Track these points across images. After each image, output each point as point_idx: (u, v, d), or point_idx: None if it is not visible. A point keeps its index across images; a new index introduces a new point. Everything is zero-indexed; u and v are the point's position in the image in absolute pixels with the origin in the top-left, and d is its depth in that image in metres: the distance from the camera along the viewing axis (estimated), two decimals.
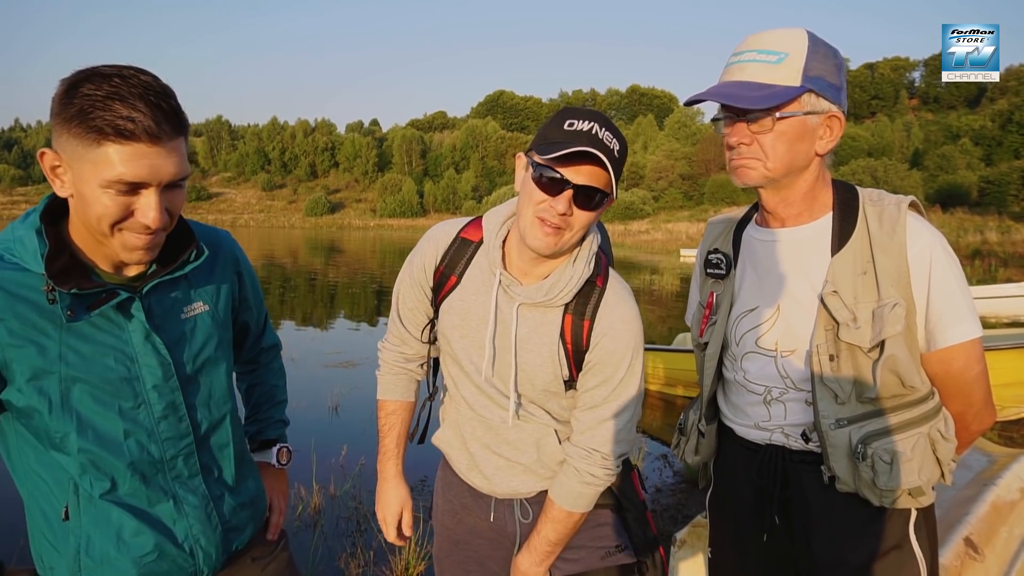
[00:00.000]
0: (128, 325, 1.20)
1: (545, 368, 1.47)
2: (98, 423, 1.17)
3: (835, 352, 1.33)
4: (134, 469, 1.22)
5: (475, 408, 1.57)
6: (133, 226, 1.10)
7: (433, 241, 1.58)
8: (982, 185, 51.32)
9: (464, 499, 1.66)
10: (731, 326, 1.50)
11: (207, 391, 1.33)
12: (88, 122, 1.01)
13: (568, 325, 1.45)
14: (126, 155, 1.03)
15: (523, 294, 1.45)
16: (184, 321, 1.29)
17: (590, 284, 1.46)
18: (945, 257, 1.31)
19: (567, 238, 1.38)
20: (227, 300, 1.41)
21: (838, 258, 1.34)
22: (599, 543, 1.58)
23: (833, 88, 1.32)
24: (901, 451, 1.30)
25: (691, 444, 1.63)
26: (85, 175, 1.05)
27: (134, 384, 1.20)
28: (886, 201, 1.36)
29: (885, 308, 1.28)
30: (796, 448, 1.43)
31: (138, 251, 1.13)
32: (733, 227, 1.58)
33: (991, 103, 70.80)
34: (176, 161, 1.09)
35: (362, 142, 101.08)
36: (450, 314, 1.54)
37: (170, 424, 1.25)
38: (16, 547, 4.02)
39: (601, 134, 1.30)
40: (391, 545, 3.64)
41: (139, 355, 1.21)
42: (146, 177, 1.05)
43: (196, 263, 1.28)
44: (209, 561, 1.33)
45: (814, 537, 1.41)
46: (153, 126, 1.03)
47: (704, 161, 67.10)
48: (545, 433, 1.54)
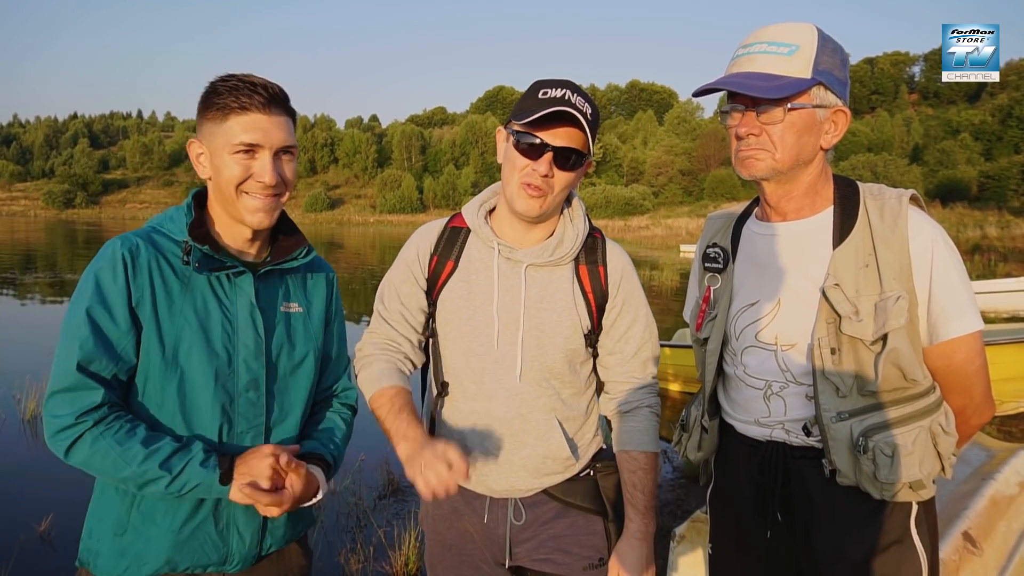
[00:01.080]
0: (238, 299, 1.40)
1: (563, 324, 1.52)
2: (196, 377, 1.34)
3: (837, 345, 1.33)
4: (211, 431, 1.35)
5: (476, 400, 1.53)
6: (252, 187, 1.35)
7: (423, 235, 1.62)
8: (982, 180, 51.30)
9: (456, 503, 1.62)
10: (731, 320, 1.50)
11: (284, 384, 1.46)
12: (219, 105, 1.32)
13: (585, 274, 1.54)
14: (245, 123, 1.32)
15: (528, 256, 1.51)
16: (281, 314, 1.47)
17: (591, 237, 1.58)
18: (947, 250, 1.31)
19: (551, 200, 1.47)
20: (320, 315, 1.56)
21: (840, 251, 1.34)
22: (586, 551, 1.57)
23: (839, 83, 1.34)
24: (902, 444, 1.30)
25: (693, 440, 1.63)
26: (217, 148, 1.34)
27: (230, 351, 1.38)
28: (887, 195, 1.36)
29: (888, 301, 1.28)
30: (797, 444, 1.43)
31: (259, 213, 1.37)
32: (733, 222, 1.58)
33: (991, 98, 70.66)
34: (285, 132, 1.36)
35: (361, 138, 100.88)
36: (452, 299, 1.55)
37: (249, 399, 1.40)
38: (37, 509, 4.06)
39: (573, 98, 1.40)
40: (391, 540, 3.65)
41: (240, 326, 1.39)
42: (260, 140, 1.33)
43: (306, 259, 1.50)
44: (241, 549, 1.40)
45: (815, 533, 1.41)
46: (265, 103, 1.33)
47: (704, 156, 67.03)
48: (550, 427, 1.53)
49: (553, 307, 1.51)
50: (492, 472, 1.55)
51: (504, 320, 1.51)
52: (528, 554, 1.58)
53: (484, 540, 1.60)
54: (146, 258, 1.32)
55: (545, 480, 1.56)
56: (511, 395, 1.51)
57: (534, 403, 1.52)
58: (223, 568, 1.40)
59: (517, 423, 1.52)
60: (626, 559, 1.52)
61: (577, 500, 1.57)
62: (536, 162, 1.43)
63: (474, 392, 1.54)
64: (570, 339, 1.52)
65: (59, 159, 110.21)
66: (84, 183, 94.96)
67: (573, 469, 1.58)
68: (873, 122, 68.35)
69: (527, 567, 1.59)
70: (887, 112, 74.24)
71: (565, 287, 1.53)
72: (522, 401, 1.52)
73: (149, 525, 1.33)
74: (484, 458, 1.55)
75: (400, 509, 4.30)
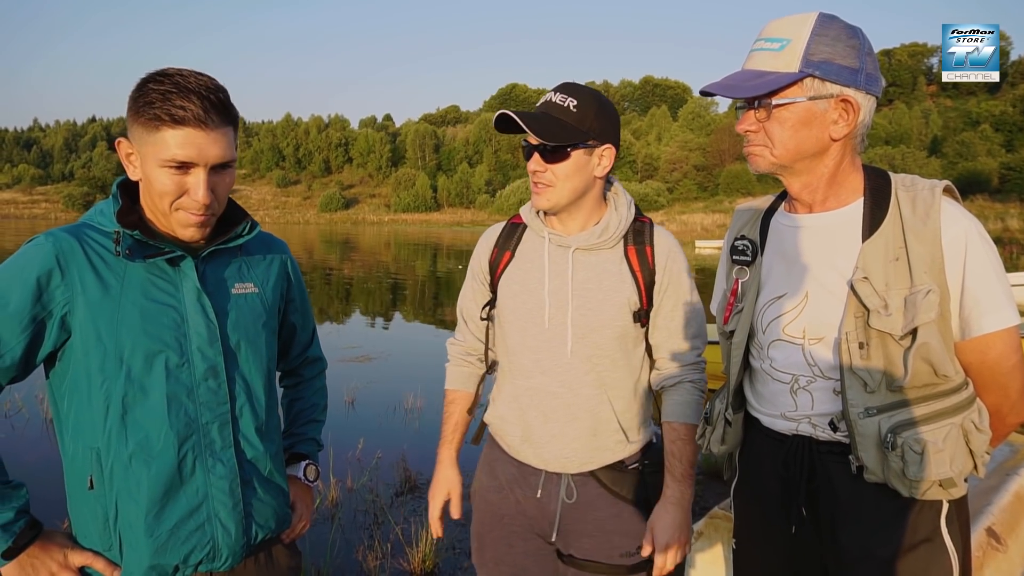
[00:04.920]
0: (183, 285, 1.33)
1: (610, 302, 1.62)
2: (144, 375, 1.28)
3: (865, 340, 1.30)
4: (170, 426, 1.29)
5: (532, 376, 1.67)
6: (187, 204, 1.27)
7: (486, 236, 1.83)
8: (1003, 172, 50.56)
9: (512, 474, 1.74)
10: (758, 314, 1.48)
11: (247, 367, 1.41)
12: (150, 111, 1.21)
13: (633, 254, 1.65)
14: (178, 138, 1.21)
15: (575, 241, 1.64)
16: (234, 296, 1.41)
17: (639, 222, 1.69)
18: (981, 243, 1.27)
19: (559, 191, 1.59)
20: (275, 292, 1.52)
21: (869, 244, 1.31)
22: (624, 540, 1.65)
23: (847, 71, 1.29)
24: (932, 441, 1.27)
25: (717, 433, 1.61)
26: (148, 157, 1.25)
27: (182, 341, 1.31)
28: (919, 186, 1.33)
29: (918, 295, 1.25)
30: (824, 439, 1.40)
31: (191, 228, 1.30)
32: (761, 214, 1.56)
33: (1012, 88, 69.58)
34: (222, 146, 1.26)
35: (375, 137, 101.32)
36: (509, 284, 1.72)
37: (209, 388, 1.34)
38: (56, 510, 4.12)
39: (553, 97, 1.58)
40: (409, 537, 3.67)
41: (189, 314, 1.32)
42: (194, 157, 1.23)
43: (249, 235, 1.43)
44: (228, 539, 1.35)
45: (841, 529, 1.38)
46: (202, 114, 1.21)
47: (718, 152, 66.60)
48: (600, 402, 1.64)
49: (600, 286, 1.63)
50: (547, 445, 1.66)
51: (554, 301, 1.64)
52: (572, 534, 1.67)
53: (535, 514, 1.71)
54: (78, 256, 1.25)
55: (596, 455, 1.66)
56: (564, 370, 1.64)
57: (584, 378, 1.64)
58: (212, 565, 1.35)
59: (569, 396, 1.64)
60: (659, 521, 1.61)
61: (623, 491, 1.67)
62: (529, 161, 1.61)
63: (530, 368, 1.67)
64: (617, 316, 1.62)
65: (78, 162, 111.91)
66: (103, 185, 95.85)
67: (625, 449, 1.67)
68: (891, 114, 67.56)
69: (569, 546, 1.69)
70: (905, 104, 73.38)
71: (612, 268, 1.64)
72: (574, 376, 1.64)
73: (129, 529, 1.28)
74: (541, 430, 1.66)
75: (417, 506, 4.32)
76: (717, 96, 1.38)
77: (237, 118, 1.31)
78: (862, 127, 1.35)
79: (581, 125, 1.55)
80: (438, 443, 1.87)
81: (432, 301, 15.38)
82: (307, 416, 1.72)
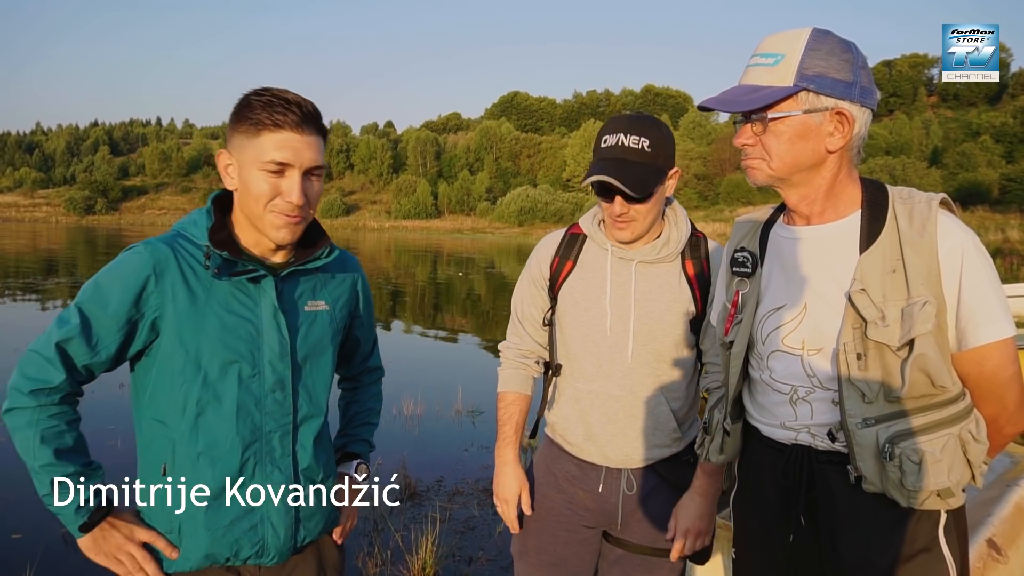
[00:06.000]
0: (261, 302, 1.43)
1: (671, 312, 1.73)
2: (219, 381, 1.38)
3: (863, 351, 1.32)
4: (236, 432, 1.39)
5: (595, 380, 1.77)
6: (280, 206, 1.37)
7: (545, 244, 1.90)
8: (1003, 183, 50.61)
9: (572, 471, 1.85)
10: (757, 325, 1.49)
11: (310, 381, 1.51)
12: (252, 118, 1.34)
13: (691, 267, 1.76)
14: (277, 141, 1.34)
15: (639, 254, 1.75)
16: (305, 312, 1.50)
17: (694, 237, 1.80)
18: (977, 255, 1.28)
19: (640, 225, 1.69)
20: (344, 309, 1.62)
21: (867, 256, 1.32)
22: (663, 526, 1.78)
23: (841, 84, 1.31)
24: (929, 452, 1.28)
25: (716, 443, 1.62)
26: (246, 163, 1.36)
27: (255, 354, 1.41)
28: (916, 199, 1.34)
29: (915, 306, 1.26)
30: (822, 448, 1.41)
31: (283, 230, 1.39)
32: (760, 226, 1.57)
33: (1012, 99, 69.76)
34: (315, 152, 1.38)
35: (377, 144, 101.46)
36: (571, 293, 1.81)
37: (276, 399, 1.44)
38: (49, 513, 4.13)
39: (626, 140, 1.62)
40: (408, 545, 3.66)
41: (264, 329, 1.42)
42: (291, 159, 1.35)
43: (328, 259, 1.52)
44: (276, 541, 1.45)
45: (840, 539, 1.39)
46: (299, 120, 1.34)
47: (719, 161, 66.74)
48: (659, 403, 1.76)
49: (661, 298, 1.74)
50: (609, 443, 1.78)
51: (615, 311, 1.75)
52: (630, 522, 1.82)
53: (597, 508, 1.83)
54: (171, 266, 1.36)
55: (655, 452, 1.79)
56: (624, 375, 1.76)
57: (644, 382, 1.76)
58: (260, 561, 1.45)
59: (630, 399, 1.76)
60: (683, 509, 1.75)
61: (678, 482, 1.80)
62: (611, 204, 1.68)
63: (593, 373, 1.78)
64: (676, 325, 1.74)
65: (80, 166, 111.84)
66: (104, 190, 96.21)
67: (679, 444, 1.81)
68: (891, 125, 67.73)
69: (624, 532, 1.83)
70: (905, 115, 73.56)
71: (672, 280, 1.75)
72: (634, 380, 1.75)
73: (190, 522, 1.39)
74: (602, 430, 1.78)
75: (417, 513, 4.32)
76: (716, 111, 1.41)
77: (327, 132, 1.44)
78: (858, 139, 1.37)
79: (656, 162, 1.64)
80: (496, 445, 1.95)
81: (432, 308, 15.39)
82: (362, 419, 1.81)
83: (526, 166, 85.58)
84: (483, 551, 3.86)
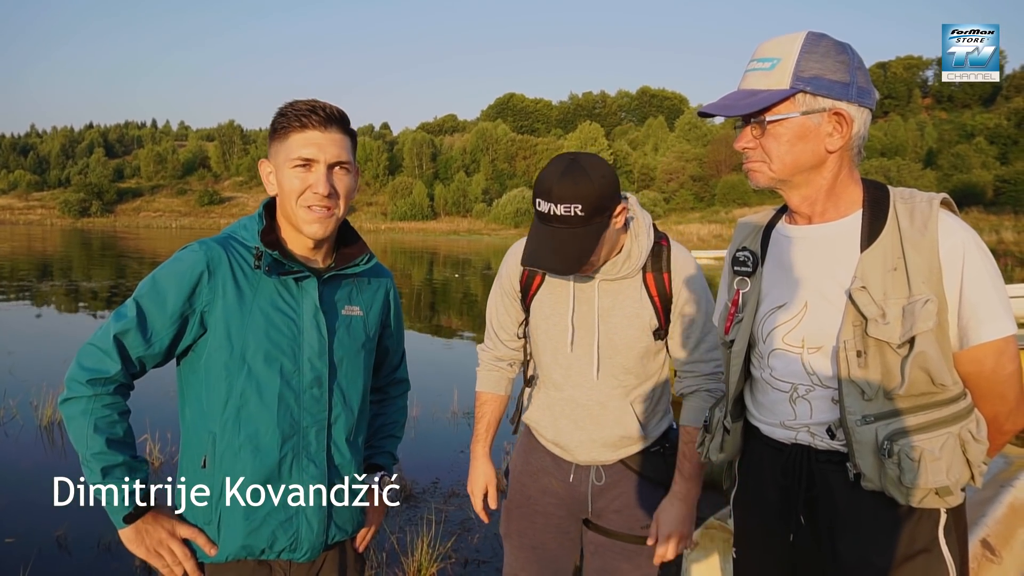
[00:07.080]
0: (303, 301, 1.51)
1: (633, 325, 1.76)
2: (262, 375, 1.45)
3: (863, 348, 1.32)
4: (277, 424, 1.46)
5: (564, 389, 1.84)
6: (309, 198, 1.46)
7: (515, 254, 1.90)
8: (997, 184, 50.88)
9: (545, 463, 1.94)
10: (758, 323, 1.50)
11: (345, 382, 1.58)
12: (283, 124, 1.46)
13: (651, 282, 1.77)
14: (302, 140, 1.45)
15: (600, 272, 1.76)
16: (342, 316, 1.59)
17: (657, 246, 1.79)
18: (978, 253, 1.29)
19: (597, 266, 1.71)
20: (376, 318, 1.69)
21: (868, 254, 1.33)
22: (647, 513, 1.83)
23: (838, 85, 1.32)
24: (929, 449, 1.28)
25: (716, 441, 1.62)
26: (280, 165, 1.47)
27: (296, 351, 1.49)
28: (917, 198, 1.35)
29: (916, 304, 1.27)
30: (822, 447, 1.41)
31: (314, 224, 1.47)
32: (762, 227, 1.58)
33: (1006, 101, 70.06)
34: (339, 148, 1.47)
35: (373, 145, 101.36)
36: (540, 307, 1.85)
37: (313, 396, 1.51)
38: (49, 516, 4.11)
39: (557, 209, 1.57)
40: (404, 547, 3.66)
41: (305, 327, 1.50)
42: (315, 154, 1.44)
43: (367, 265, 1.62)
44: (309, 535, 1.50)
45: (839, 538, 1.39)
46: (323, 120, 1.45)
47: (715, 162, 66.89)
48: (625, 411, 1.81)
49: (623, 313, 1.77)
50: (578, 448, 1.85)
51: (579, 327, 1.80)
52: (602, 509, 1.88)
53: (568, 496, 1.91)
54: (224, 265, 1.45)
55: (622, 452, 1.85)
56: (591, 387, 1.81)
57: (611, 392, 1.81)
58: (293, 555, 1.50)
59: (597, 409, 1.82)
60: (664, 513, 1.79)
61: (646, 472, 1.86)
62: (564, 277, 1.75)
63: (562, 383, 1.85)
64: (639, 339, 1.77)
65: (75, 168, 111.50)
66: (99, 192, 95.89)
67: (647, 442, 1.87)
68: (886, 126, 67.96)
69: (599, 518, 1.89)
70: (900, 116, 73.82)
71: (633, 295, 1.77)
72: (601, 392, 1.81)
73: (229, 513, 1.45)
74: (571, 436, 1.85)
75: (413, 515, 4.31)
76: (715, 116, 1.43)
77: (355, 135, 1.54)
78: (857, 139, 1.37)
79: (591, 221, 1.59)
80: (471, 440, 2.04)
81: (429, 310, 15.39)
82: (387, 431, 1.86)
83: (522, 168, 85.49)
84: (479, 553, 3.86)
